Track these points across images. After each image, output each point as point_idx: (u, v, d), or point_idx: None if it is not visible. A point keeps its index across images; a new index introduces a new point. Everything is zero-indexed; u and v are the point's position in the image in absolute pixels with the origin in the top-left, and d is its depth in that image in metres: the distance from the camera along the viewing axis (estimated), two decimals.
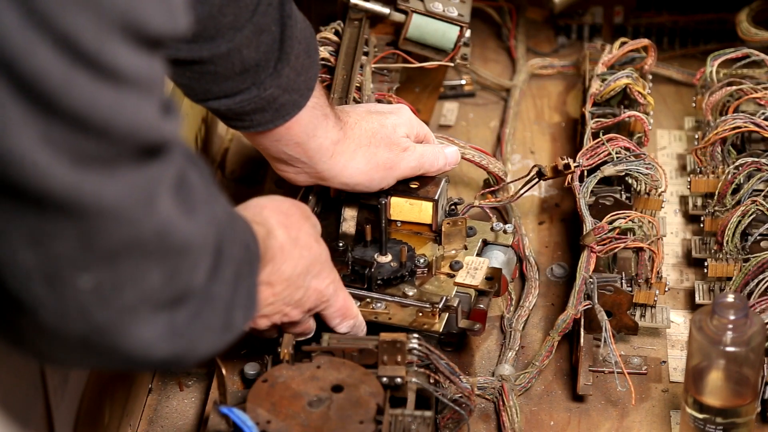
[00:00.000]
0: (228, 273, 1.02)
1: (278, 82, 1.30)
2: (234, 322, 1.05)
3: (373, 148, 1.38)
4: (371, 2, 1.59)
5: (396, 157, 1.39)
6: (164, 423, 1.39)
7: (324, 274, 1.25)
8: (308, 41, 1.34)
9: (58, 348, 0.94)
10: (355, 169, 1.37)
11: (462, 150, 1.49)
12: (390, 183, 1.40)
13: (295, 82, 1.31)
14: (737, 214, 1.43)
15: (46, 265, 0.88)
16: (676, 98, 1.78)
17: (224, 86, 1.29)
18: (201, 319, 0.99)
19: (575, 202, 1.45)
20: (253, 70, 1.29)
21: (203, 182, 1.01)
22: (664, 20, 1.83)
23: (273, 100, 1.30)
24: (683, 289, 1.52)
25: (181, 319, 0.97)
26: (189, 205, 0.96)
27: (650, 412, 1.38)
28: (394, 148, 1.39)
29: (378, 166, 1.38)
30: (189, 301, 0.97)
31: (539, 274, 1.50)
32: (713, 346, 1.24)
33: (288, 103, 1.31)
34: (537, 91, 1.81)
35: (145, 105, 0.88)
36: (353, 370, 1.22)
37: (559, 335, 1.40)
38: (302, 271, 1.21)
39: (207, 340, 1.02)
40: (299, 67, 1.31)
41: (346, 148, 1.36)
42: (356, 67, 1.51)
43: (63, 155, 0.84)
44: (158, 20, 0.86)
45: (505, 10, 1.88)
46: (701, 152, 1.54)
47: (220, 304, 1.02)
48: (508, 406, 1.35)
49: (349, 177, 1.37)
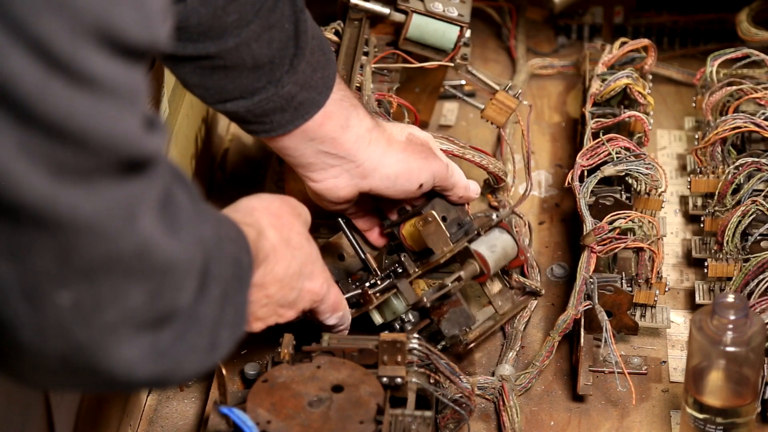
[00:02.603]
0: (215, 293, 1.01)
1: (295, 79, 1.29)
2: (220, 342, 1.03)
3: (406, 140, 1.37)
4: (371, 2, 1.59)
5: (429, 150, 1.38)
6: (164, 423, 1.39)
7: (316, 274, 1.24)
8: (321, 38, 1.33)
9: (39, 369, 0.92)
10: (394, 157, 1.35)
11: (462, 150, 1.49)
12: (425, 180, 1.37)
13: (312, 79, 1.30)
14: (737, 214, 1.43)
15: (25, 279, 0.86)
16: (676, 98, 1.78)
17: (239, 84, 1.28)
18: (186, 339, 0.97)
19: (575, 202, 1.45)
20: (267, 67, 1.28)
21: (191, 201, 0.99)
22: (664, 20, 1.83)
23: (291, 98, 1.29)
24: (683, 289, 1.52)
25: (165, 339, 0.95)
26: (174, 224, 0.94)
27: (650, 412, 1.38)
28: (425, 144, 1.38)
29: (414, 153, 1.36)
30: (174, 321, 0.95)
31: (539, 274, 1.50)
32: (713, 346, 1.24)
33: (306, 101, 1.30)
34: (537, 91, 1.81)
35: (126, 116, 0.86)
36: (353, 370, 1.22)
37: (559, 335, 1.40)
38: (295, 271, 1.20)
39: (192, 361, 0.99)
40: (315, 63, 1.30)
41: (381, 134, 1.35)
42: (356, 67, 1.51)
43: (40, 165, 0.83)
44: (134, 28, 0.84)
45: (505, 10, 1.88)
46: (701, 152, 1.54)
47: (206, 324, 1.00)
48: (508, 406, 1.35)
49: (389, 166, 1.35)
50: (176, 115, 1.51)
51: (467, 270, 1.36)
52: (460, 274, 1.34)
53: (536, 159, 1.70)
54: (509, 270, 1.45)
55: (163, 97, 1.45)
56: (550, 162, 1.69)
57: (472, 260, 1.36)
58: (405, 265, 1.37)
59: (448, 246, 1.36)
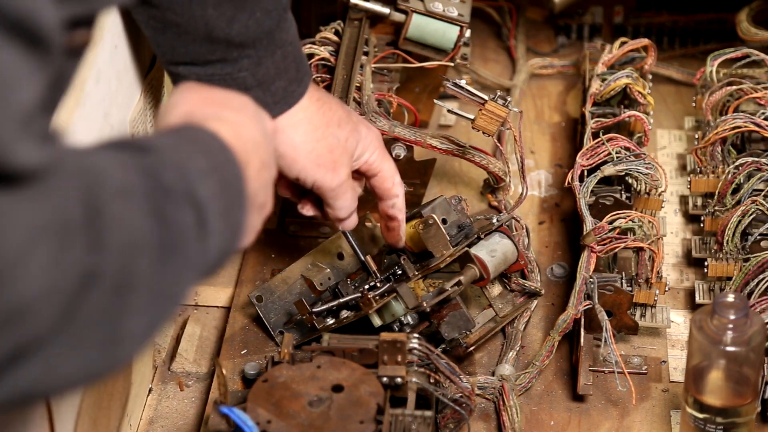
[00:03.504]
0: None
1: (255, 71, 1.25)
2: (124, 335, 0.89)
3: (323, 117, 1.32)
4: (371, 2, 1.59)
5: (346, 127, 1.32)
6: (164, 423, 1.39)
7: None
8: (298, 50, 1.29)
9: None
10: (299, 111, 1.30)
11: (462, 150, 1.49)
12: (338, 160, 1.31)
13: (273, 84, 1.27)
14: (737, 214, 1.43)
15: None
16: (676, 98, 1.78)
17: (191, 50, 1.24)
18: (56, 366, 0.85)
19: (575, 202, 1.45)
20: (223, 44, 1.24)
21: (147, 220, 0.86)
22: (664, 20, 1.83)
23: (246, 89, 1.24)
24: (683, 288, 1.52)
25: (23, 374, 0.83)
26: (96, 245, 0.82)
27: (650, 411, 1.38)
28: (343, 125, 1.32)
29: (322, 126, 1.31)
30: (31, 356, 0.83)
31: (539, 274, 1.50)
32: (713, 346, 1.24)
33: (258, 101, 1.19)
34: (537, 91, 1.81)
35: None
36: (353, 370, 1.22)
37: (559, 335, 1.40)
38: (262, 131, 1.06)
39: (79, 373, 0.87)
40: (282, 70, 1.27)
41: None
42: (356, 67, 1.51)
43: None
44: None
45: (505, 10, 1.88)
46: (701, 152, 1.54)
47: (92, 336, 0.86)
48: (508, 405, 1.35)
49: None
50: None
51: (467, 275, 1.36)
52: (460, 278, 1.35)
53: (536, 159, 1.70)
54: (509, 274, 1.45)
55: (163, 97, 1.45)
56: (550, 162, 1.69)
57: (472, 265, 1.36)
58: (405, 268, 1.37)
59: (448, 249, 1.36)
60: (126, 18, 1.31)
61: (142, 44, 1.36)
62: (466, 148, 1.49)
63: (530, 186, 1.63)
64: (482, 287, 1.41)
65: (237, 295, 1.50)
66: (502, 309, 1.43)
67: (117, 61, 1.30)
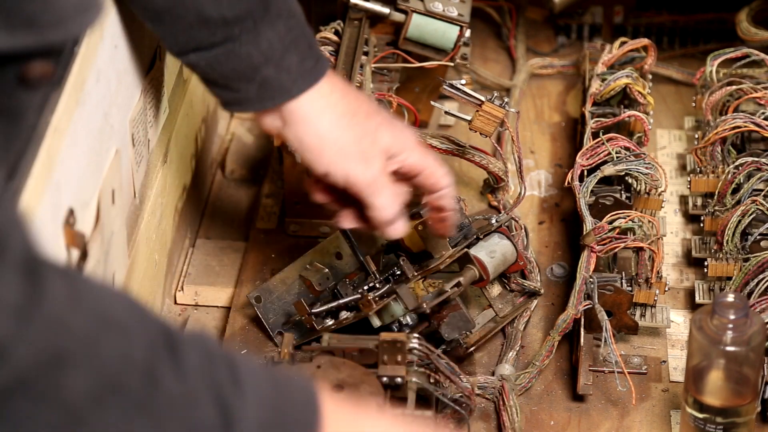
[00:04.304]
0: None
1: (257, 43, 1.22)
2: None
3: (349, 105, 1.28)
4: (371, 2, 1.59)
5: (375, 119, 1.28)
6: None
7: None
8: (302, 23, 1.26)
9: None
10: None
11: (462, 150, 1.49)
12: (369, 150, 1.27)
13: (284, 59, 1.23)
14: (737, 214, 1.43)
15: None
16: (676, 98, 1.78)
17: (193, 36, 1.23)
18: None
19: (575, 202, 1.45)
20: (220, 24, 1.22)
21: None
22: (664, 20, 1.83)
23: (254, 68, 1.22)
24: (683, 288, 1.52)
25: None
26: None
27: (650, 411, 1.38)
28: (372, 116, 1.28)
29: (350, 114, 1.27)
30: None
31: (539, 274, 1.50)
32: (713, 346, 1.24)
33: (274, 82, 1.20)
34: (537, 91, 1.81)
35: None
36: (353, 370, 1.22)
37: (559, 335, 1.40)
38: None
39: None
40: (289, 43, 1.24)
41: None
42: (356, 67, 1.51)
43: None
44: None
45: (505, 10, 1.88)
46: (701, 152, 1.54)
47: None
48: (508, 405, 1.35)
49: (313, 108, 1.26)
50: (176, 115, 1.51)
51: (466, 276, 1.36)
52: (460, 279, 1.35)
53: (536, 159, 1.70)
54: (508, 274, 1.45)
55: (163, 97, 1.45)
56: (550, 162, 1.69)
57: (472, 266, 1.37)
58: (404, 269, 1.37)
59: (447, 250, 1.37)
60: (126, 18, 1.31)
61: (142, 44, 1.36)
62: (465, 148, 1.49)
63: (530, 186, 1.63)
64: (482, 288, 1.41)
65: (237, 295, 1.50)
66: (501, 309, 1.43)
67: (117, 61, 1.30)
